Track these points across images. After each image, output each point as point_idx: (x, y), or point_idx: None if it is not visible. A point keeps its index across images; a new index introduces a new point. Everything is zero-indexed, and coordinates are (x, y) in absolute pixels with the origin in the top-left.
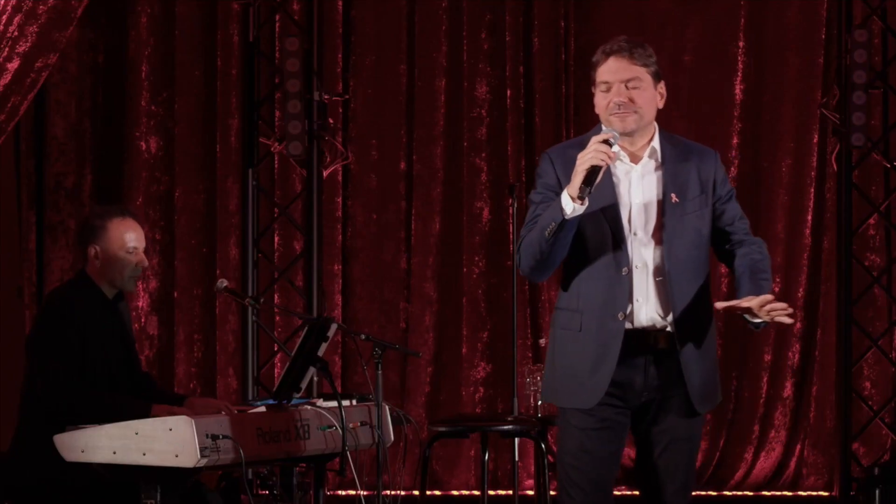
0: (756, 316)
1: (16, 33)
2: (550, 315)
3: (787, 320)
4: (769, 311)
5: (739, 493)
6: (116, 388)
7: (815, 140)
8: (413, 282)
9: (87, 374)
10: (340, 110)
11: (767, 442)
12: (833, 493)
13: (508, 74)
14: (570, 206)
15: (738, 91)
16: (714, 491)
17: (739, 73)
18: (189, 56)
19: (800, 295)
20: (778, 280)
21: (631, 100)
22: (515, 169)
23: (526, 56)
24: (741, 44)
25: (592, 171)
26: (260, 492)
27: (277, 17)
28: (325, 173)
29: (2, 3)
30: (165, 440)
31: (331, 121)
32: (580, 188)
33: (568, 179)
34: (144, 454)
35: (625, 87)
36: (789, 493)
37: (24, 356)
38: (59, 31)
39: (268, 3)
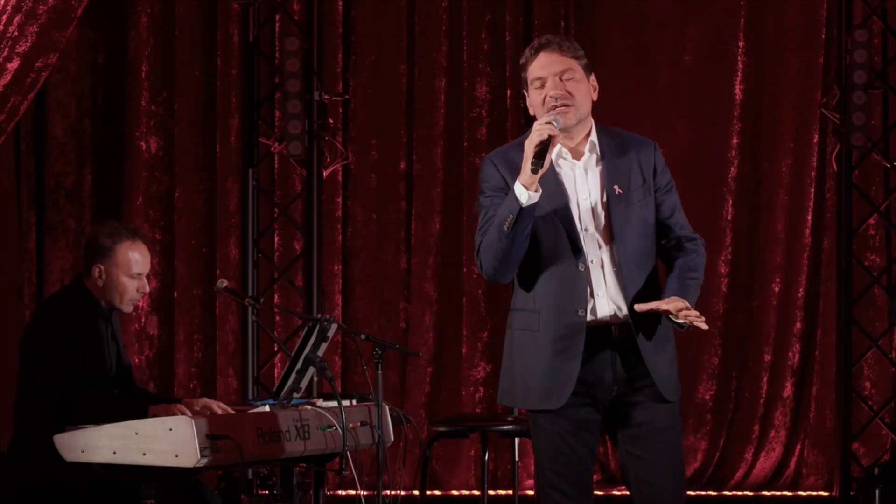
0: (677, 317)
1: (16, 33)
2: None
3: (703, 326)
4: (686, 316)
5: (739, 493)
6: (112, 391)
7: (815, 140)
8: (413, 282)
9: (87, 375)
10: (340, 110)
11: (767, 442)
12: (833, 493)
13: (508, 74)
14: (525, 194)
15: (738, 91)
16: (714, 491)
17: (739, 73)
18: (189, 56)
19: (800, 295)
20: (778, 280)
21: (568, 92)
22: None
23: None
24: (741, 44)
25: (542, 148)
26: (260, 492)
27: (277, 17)
28: (325, 173)
29: (2, 3)
30: (165, 440)
31: (331, 121)
32: (532, 161)
33: (513, 180)
34: (144, 454)
35: (559, 80)
36: (789, 493)
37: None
38: (59, 31)
39: (268, 3)
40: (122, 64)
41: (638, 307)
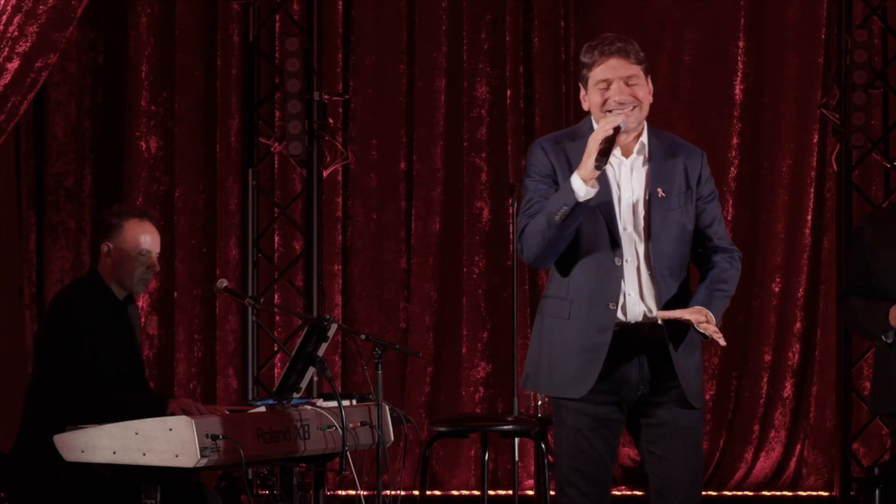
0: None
1: (16, 33)
2: None
3: (721, 342)
4: (705, 329)
5: (739, 493)
6: (127, 387)
7: (815, 140)
8: (413, 282)
9: (99, 373)
10: (340, 110)
11: (767, 442)
12: (833, 493)
13: (508, 74)
14: (583, 189)
15: (738, 91)
16: (714, 491)
17: (739, 73)
18: (189, 56)
19: (800, 295)
20: (778, 280)
21: (633, 96)
22: (515, 169)
23: (526, 56)
24: (741, 44)
25: (607, 145)
26: (260, 492)
27: (277, 17)
28: (325, 173)
29: (2, 3)
30: (165, 440)
31: (331, 121)
32: (598, 158)
33: (562, 168)
34: (144, 454)
35: (625, 85)
36: (789, 493)
37: (24, 356)
38: (59, 31)
39: (268, 3)
40: (122, 64)
41: (660, 314)
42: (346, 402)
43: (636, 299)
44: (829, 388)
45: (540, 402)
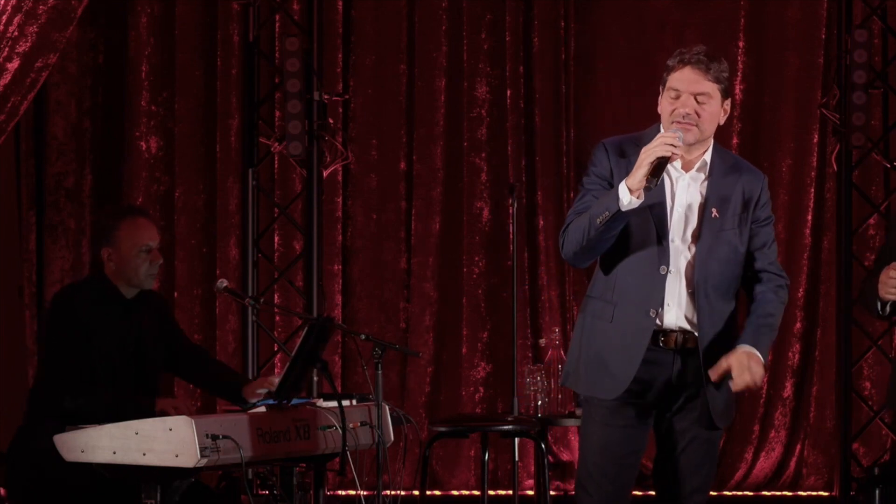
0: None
1: (16, 33)
2: (550, 315)
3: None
4: (737, 384)
5: (739, 493)
6: (120, 387)
7: (815, 140)
8: (413, 282)
9: (92, 373)
10: (340, 110)
11: (767, 442)
12: (833, 493)
13: (508, 74)
14: (628, 197)
15: (738, 91)
16: (714, 491)
17: (739, 73)
18: (189, 56)
19: (800, 295)
20: None
21: (696, 113)
22: (515, 169)
23: (526, 56)
24: (741, 44)
25: (659, 163)
26: (260, 492)
27: (277, 17)
28: (325, 173)
29: (2, 3)
30: (165, 440)
31: (331, 121)
32: (647, 178)
33: (620, 171)
34: (144, 454)
35: (694, 100)
36: (789, 493)
37: (24, 356)
38: (59, 31)
39: (268, 3)
40: (122, 64)
41: (713, 375)
42: (346, 402)
43: (674, 311)
44: (829, 388)
45: (540, 403)
